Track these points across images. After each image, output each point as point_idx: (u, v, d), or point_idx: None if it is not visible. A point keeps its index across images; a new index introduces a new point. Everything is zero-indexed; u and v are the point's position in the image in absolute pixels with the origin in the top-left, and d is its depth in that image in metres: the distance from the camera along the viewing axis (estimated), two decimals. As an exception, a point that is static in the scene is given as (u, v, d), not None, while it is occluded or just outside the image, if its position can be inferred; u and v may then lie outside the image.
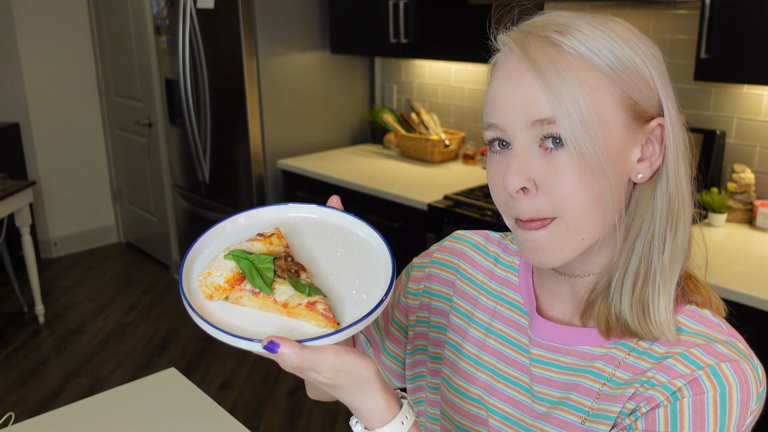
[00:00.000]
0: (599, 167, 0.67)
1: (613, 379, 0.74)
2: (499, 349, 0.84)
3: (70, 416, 1.39)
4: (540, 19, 0.72)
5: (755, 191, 2.29)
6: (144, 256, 4.75)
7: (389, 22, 2.99)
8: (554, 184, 0.68)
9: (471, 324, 0.88)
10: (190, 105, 3.55)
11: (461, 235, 0.95)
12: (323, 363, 0.63)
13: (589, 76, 0.67)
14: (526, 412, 0.81)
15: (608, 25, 0.69)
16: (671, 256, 0.72)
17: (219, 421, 1.38)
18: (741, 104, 2.30)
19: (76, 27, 4.55)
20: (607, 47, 0.68)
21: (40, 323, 3.72)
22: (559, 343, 0.79)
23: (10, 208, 3.36)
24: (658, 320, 0.71)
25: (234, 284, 0.68)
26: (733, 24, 1.94)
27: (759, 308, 1.72)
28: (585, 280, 0.78)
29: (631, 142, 0.70)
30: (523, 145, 0.69)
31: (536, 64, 0.67)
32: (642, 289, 0.72)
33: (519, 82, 0.68)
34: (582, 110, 0.66)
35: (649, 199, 0.72)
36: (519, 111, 0.68)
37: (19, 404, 2.95)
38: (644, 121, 0.70)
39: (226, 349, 3.42)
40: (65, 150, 4.65)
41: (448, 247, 0.94)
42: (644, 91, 0.69)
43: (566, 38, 0.68)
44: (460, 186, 2.77)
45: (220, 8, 3.20)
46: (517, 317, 0.84)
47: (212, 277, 0.68)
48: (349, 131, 3.65)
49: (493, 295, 0.88)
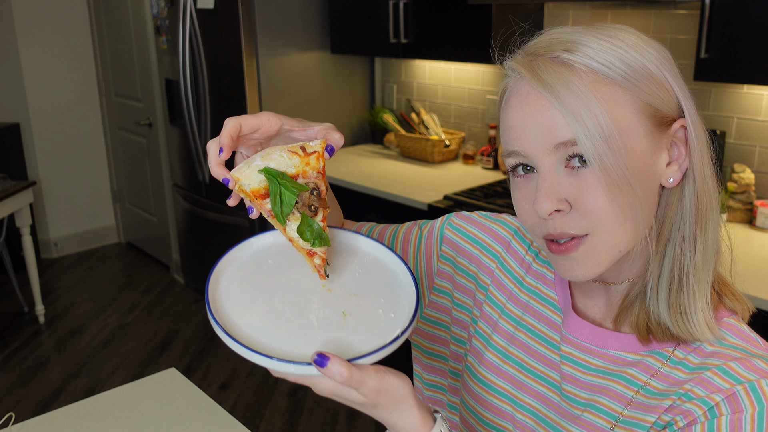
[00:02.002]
0: (626, 182, 0.66)
1: (647, 388, 0.74)
2: (529, 344, 0.84)
3: (70, 416, 1.39)
4: (544, 38, 0.71)
5: (755, 191, 2.29)
6: (144, 257, 4.75)
7: (389, 22, 2.99)
8: (586, 200, 0.67)
9: (502, 316, 0.87)
10: (190, 105, 3.55)
11: (508, 222, 0.92)
12: (368, 382, 0.63)
13: (606, 90, 0.66)
14: (555, 410, 0.80)
15: (614, 34, 0.68)
16: (703, 256, 0.71)
17: (219, 421, 1.38)
18: (741, 104, 2.30)
19: (76, 27, 4.55)
20: (617, 57, 0.67)
21: (40, 323, 3.72)
22: (592, 344, 0.78)
23: (11, 208, 3.36)
24: (697, 322, 0.71)
25: (257, 197, 0.71)
26: (733, 24, 1.94)
27: (759, 308, 1.72)
28: (620, 287, 0.78)
29: (657, 149, 0.69)
30: (549, 168, 0.68)
31: (550, 87, 0.66)
32: (678, 292, 0.72)
33: (535, 108, 0.67)
34: (603, 127, 0.65)
35: (677, 202, 0.72)
36: (540, 136, 0.67)
37: (19, 404, 2.95)
38: (667, 125, 0.69)
39: (226, 349, 3.42)
40: (65, 150, 4.65)
41: (494, 231, 0.92)
42: (662, 95, 0.68)
43: (575, 55, 0.67)
44: (460, 186, 2.77)
45: (220, 8, 3.20)
46: (550, 313, 0.84)
47: (240, 183, 0.71)
48: (349, 131, 3.65)
49: (527, 289, 0.87)
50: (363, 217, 2.85)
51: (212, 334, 3.59)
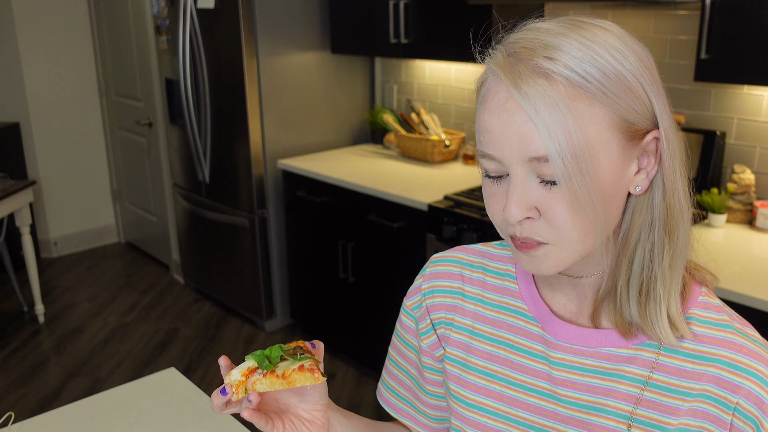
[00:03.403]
0: (590, 202, 0.67)
1: (652, 383, 0.75)
2: (510, 358, 0.84)
3: (70, 416, 1.39)
4: (526, 36, 0.70)
5: (755, 192, 2.29)
6: (144, 256, 4.75)
7: (389, 22, 2.99)
8: (553, 213, 0.69)
9: (473, 337, 0.87)
10: (190, 105, 3.55)
11: (439, 257, 0.94)
12: None
13: (583, 107, 0.66)
14: (551, 418, 0.80)
15: (597, 39, 0.68)
16: (671, 263, 0.73)
17: (219, 421, 1.38)
18: (741, 105, 2.30)
19: (77, 27, 4.55)
20: (596, 68, 0.67)
21: (40, 323, 3.72)
22: (582, 346, 0.79)
23: (10, 207, 3.36)
24: (662, 327, 0.73)
25: (249, 375, 0.80)
26: (734, 25, 1.94)
27: (759, 309, 1.72)
28: (588, 280, 0.79)
29: (627, 161, 0.70)
30: (521, 177, 0.69)
31: (529, 101, 0.66)
32: (646, 296, 0.74)
33: (512, 117, 0.67)
34: (575, 146, 0.65)
35: (646, 208, 0.73)
36: (515, 146, 0.68)
37: (18, 404, 2.95)
38: (639, 138, 0.70)
39: (225, 349, 3.42)
40: (65, 150, 4.65)
41: (432, 273, 0.93)
42: (638, 108, 0.68)
43: (556, 65, 0.66)
44: (460, 186, 2.77)
45: (221, 8, 3.20)
46: (525, 324, 0.84)
47: (232, 376, 0.80)
48: (349, 131, 3.65)
49: (492, 305, 0.87)
50: (363, 217, 2.86)
51: (212, 333, 3.59)
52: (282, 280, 3.55)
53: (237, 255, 3.58)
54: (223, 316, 3.80)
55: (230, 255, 3.64)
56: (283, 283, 3.56)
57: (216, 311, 3.87)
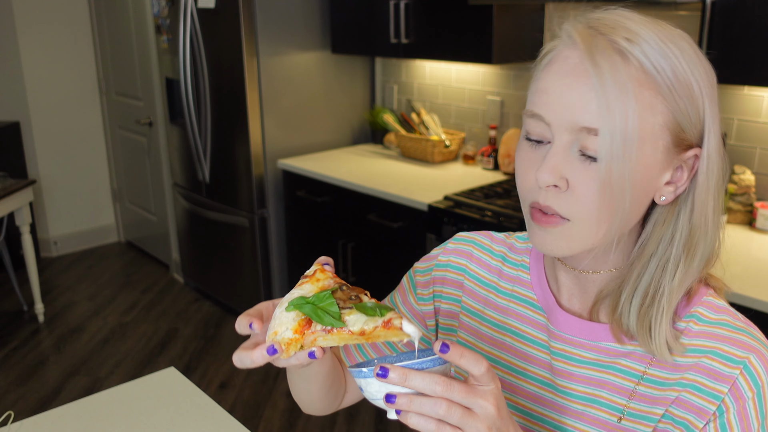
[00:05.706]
0: (620, 190, 0.67)
1: (647, 377, 0.76)
2: (515, 346, 0.85)
3: (70, 415, 1.39)
4: (609, 16, 0.70)
5: (755, 193, 2.29)
6: (144, 256, 4.75)
7: (390, 22, 2.98)
8: (581, 188, 0.68)
9: (483, 322, 0.89)
10: (190, 104, 3.55)
11: (465, 236, 0.95)
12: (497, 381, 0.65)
13: (648, 95, 0.66)
14: (549, 407, 0.81)
15: (675, 40, 0.69)
16: (681, 281, 0.73)
17: (218, 420, 1.38)
18: (741, 106, 2.30)
19: (77, 26, 4.55)
20: (669, 65, 0.67)
21: (39, 322, 3.72)
22: (582, 338, 0.80)
23: (10, 206, 3.36)
24: (659, 342, 0.73)
25: (303, 331, 0.68)
26: (734, 25, 1.94)
27: (759, 310, 1.72)
28: (595, 276, 0.79)
29: (665, 166, 0.70)
30: (564, 145, 0.69)
31: (600, 72, 0.66)
32: (648, 308, 0.74)
33: (577, 83, 0.67)
34: (628, 129, 0.65)
35: (669, 223, 0.73)
36: (569, 111, 0.67)
37: (18, 403, 2.95)
38: (683, 148, 0.70)
39: (225, 349, 3.42)
40: (65, 149, 4.65)
41: (453, 249, 0.94)
42: (693, 117, 0.69)
43: (633, 47, 0.67)
44: (461, 186, 2.77)
45: (221, 8, 3.20)
46: (532, 314, 0.85)
47: (280, 335, 0.68)
48: (349, 131, 3.65)
49: (504, 294, 0.88)
50: (363, 217, 2.86)
51: (211, 333, 3.59)
52: (282, 280, 3.55)
53: (237, 255, 3.58)
54: (222, 316, 3.80)
55: (230, 255, 3.64)
56: (283, 283, 3.56)
57: (216, 311, 3.87)
